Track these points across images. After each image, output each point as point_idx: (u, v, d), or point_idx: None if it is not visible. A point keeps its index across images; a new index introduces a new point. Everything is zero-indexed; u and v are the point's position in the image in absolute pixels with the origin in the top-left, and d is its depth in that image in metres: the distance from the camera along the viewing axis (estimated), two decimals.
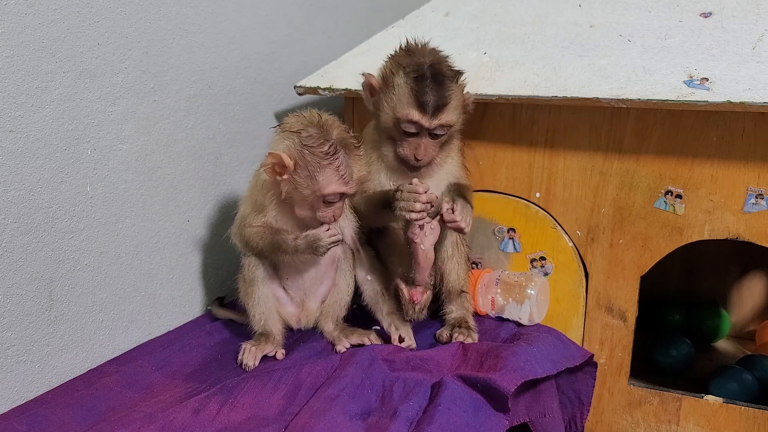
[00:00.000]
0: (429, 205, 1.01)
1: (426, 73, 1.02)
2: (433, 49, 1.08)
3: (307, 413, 0.84)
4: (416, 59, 1.05)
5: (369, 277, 1.11)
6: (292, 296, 1.09)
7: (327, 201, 0.97)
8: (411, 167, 1.08)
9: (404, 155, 1.07)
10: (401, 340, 1.05)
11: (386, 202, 1.04)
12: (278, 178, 0.97)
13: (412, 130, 1.04)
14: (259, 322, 1.06)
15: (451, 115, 1.05)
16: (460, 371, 0.95)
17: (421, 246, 1.05)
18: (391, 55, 1.10)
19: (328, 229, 0.97)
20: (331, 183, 0.95)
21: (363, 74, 1.10)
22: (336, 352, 1.04)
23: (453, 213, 1.02)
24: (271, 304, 1.06)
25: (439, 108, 1.03)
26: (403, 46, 1.09)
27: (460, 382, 0.92)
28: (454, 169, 1.14)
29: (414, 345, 1.06)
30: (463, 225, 1.03)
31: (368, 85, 1.10)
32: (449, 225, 1.03)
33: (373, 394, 0.91)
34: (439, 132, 1.05)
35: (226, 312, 1.19)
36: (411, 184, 1.01)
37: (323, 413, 0.83)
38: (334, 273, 1.10)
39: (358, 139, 1.01)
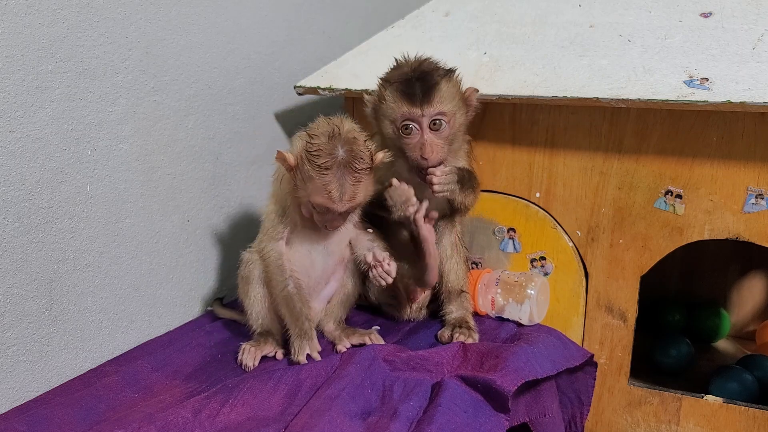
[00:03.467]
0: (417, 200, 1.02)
1: (412, 76, 1.03)
2: (425, 58, 1.07)
3: (307, 413, 0.83)
4: (402, 70, 1.05)
5: (370, 230, 1.08)
6: None
7: (317, 210, 0.97)
8: (423, 175, 1.05)
9: (413, 158, 1.04)
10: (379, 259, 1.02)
11: (382, 204, 1.04)
12: (290, 172, 0.98)
13: (410, 125, 1.03)
14: (257, 320, 1.06)
15: (444, 104, 1.03)
16: (460, 371, 0.95)
17: (429, 239, 1.06)
18: (381, 76, 1.09)
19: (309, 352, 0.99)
20: (317, 194, 0.95)
21: (364, 94, 1.09)
22: (336, 352, 1.04)
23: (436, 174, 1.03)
24: (268, 302, 1.06)
25: (426, 94, 1.01)
26: (391, 65, 1.08)
27: (460, 382, 0.92)
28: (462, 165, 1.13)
29: (388, 263, 1.02)
30: (435, 182, 1.03)
31: (369, 107, 1.10)
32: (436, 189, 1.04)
33: (373, 394, 0.91)
34: (437, 121, 1.03)
35: (228, 312, 1.19)
36: (391, 186, 1.02)
37: (323, 413, 0.83)
38: (342, 273, 1.10)
39: (370, 160, 0.97)
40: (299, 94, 1.30)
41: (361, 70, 1.28)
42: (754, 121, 1.04)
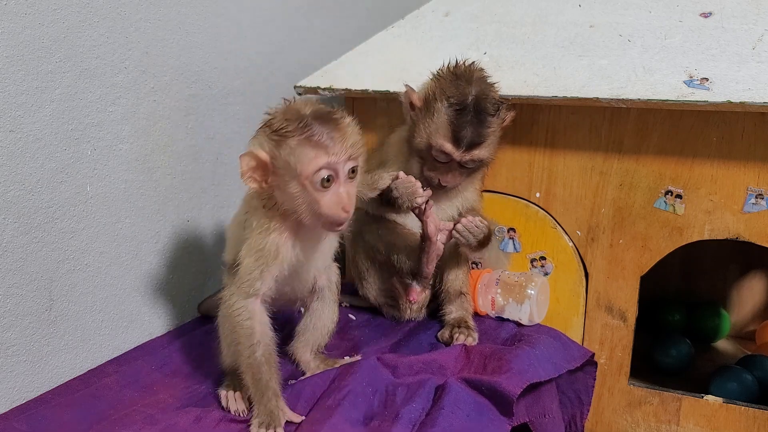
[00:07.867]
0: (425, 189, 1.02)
1: (468, 107, 1.01)
2: (481, 74, 1.06)
3: (308, 423, 0.83)
4: (461, 88, 1.02)
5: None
6: None
7: (320, 187, 0.78)
8: (433, 186, 1.07)
9: (429, 177, 1.07)
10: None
11: (388, 199, 1.03)
12: (264, 185, 0.82)
13: (443, 159, 1.05)
14: (227, 359, 0.93)
15: (484, 152, 1.05)
16: (463, 374, 0.95)
17: (439, 242, 1.07)
18: (436, 73, 1.07)
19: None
20: (309, 160, 0.77)
21: (405, 86, 1.09)
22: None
23: (469, 224, 1.05)
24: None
25: (473, 145, 1.03)
26: (450, 66, 1.06)
27: (464, 384, 0.92)
28: (472, 196, 1.15)
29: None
30: (458, 227, 1.06)
31: (408, 100, 1.09)
32: (455, 233, 1.06)
33: (375, 399, 0.90)
34: (469, 165, 1.06)
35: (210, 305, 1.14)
36: (398, 178, 1.01)
37: (325, 420, 0.82)
38: (312, 302, 0.99)
39: (343, 114, 0.83)
40: (299, 95, 1.30)
41: (361, 70, 1.28)
42: (754, 121, 1.04)
